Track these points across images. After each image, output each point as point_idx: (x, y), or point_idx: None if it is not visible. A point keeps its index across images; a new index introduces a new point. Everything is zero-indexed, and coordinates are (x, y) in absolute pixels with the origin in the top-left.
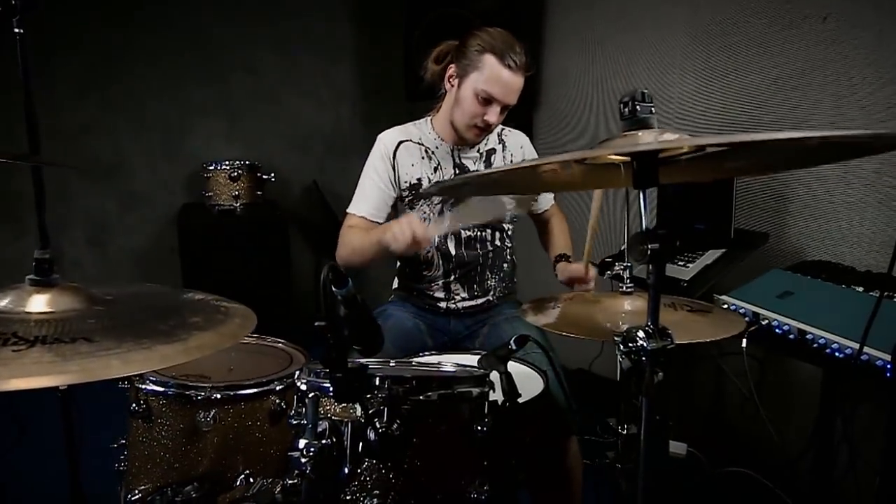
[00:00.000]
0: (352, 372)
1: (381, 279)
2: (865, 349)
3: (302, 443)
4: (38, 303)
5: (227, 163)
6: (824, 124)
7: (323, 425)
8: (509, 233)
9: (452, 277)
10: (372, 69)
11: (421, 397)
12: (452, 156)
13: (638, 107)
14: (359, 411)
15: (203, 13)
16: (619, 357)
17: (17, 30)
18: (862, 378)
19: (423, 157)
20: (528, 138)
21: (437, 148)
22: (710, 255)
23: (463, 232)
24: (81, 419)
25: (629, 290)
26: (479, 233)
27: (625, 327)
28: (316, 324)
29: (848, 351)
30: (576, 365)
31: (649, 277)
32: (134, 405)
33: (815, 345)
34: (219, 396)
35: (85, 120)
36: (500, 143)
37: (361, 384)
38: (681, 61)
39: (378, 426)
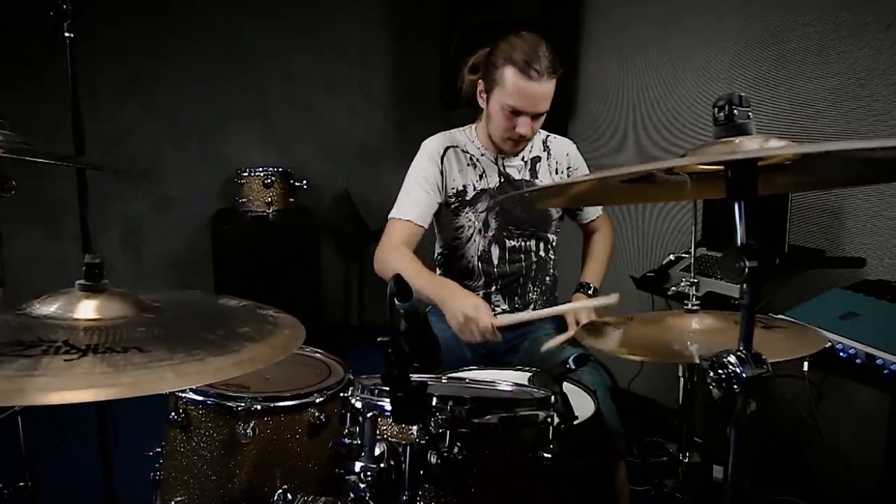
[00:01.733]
0: (414, 391)
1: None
2: None
3: (358, 466)
4: (88, 309)
5: (260, 169)
6: (887, 136)
7: (381, 447)
8: (553, 244)
9: (493, 289)
10: (406, 77)
11: (484, 420)
12: (497, 164)
13: (735, 111)
14: (417, 433)
15: (242, 21)
16: (710, 385)
17: (67, 34)
18: None
19: (468, 165)
20: (574, 145)
21: (482, 156)
22: None
23: (507, 241)
24: (117, 423)
25: (695, 307)
26: (523, 243)
27: (713, 351)
28: (378, 339)
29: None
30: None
31: (743, 297)
32: (173, 414)
33: (887, 370)
34: (259, 408)
35: (124, 125)
36: (544, 150)
37: (423, 404)
38: (729, 70)
39: (440, 450)
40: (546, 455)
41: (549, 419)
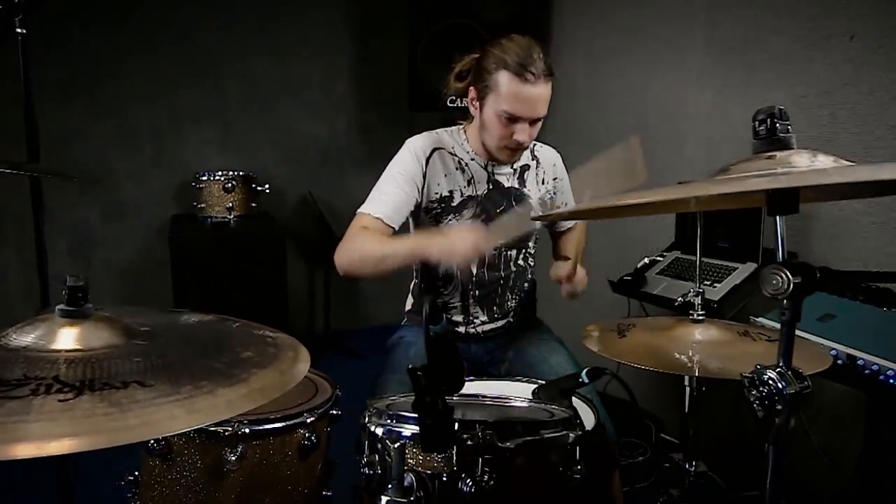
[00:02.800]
0: (444, 418)
1: (373, 295)
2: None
3: (384, 500)
4: (73, 338)
5: (220, 173)
6: (853, 143)
7: (408, 478)
8: (532, 252)
9: (471, 300)
10: (371, 79)
11: (511, 444)
12: (486, 170)
13: (777, 124)
14: (445, 461)
15: (195, 18)
16: (751, 402)
17: (19, 30)
18: None
19: (456, 169)
20: (559, 156)
21: (471, 160)
22: (739, 275)
23: (489, 249)
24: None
25: (700, 318)
26: (505, 252)
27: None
28: (410, 367)
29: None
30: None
31: (784, 314)
32: (152, 441)
33: (868, 371)
34: (248, 431)
35: (69, 128)
36: (533, 159)
37: (452, 431)
38: (697, 77)
39: (473, 478)
40: (576, 476)
41: (577, 439)
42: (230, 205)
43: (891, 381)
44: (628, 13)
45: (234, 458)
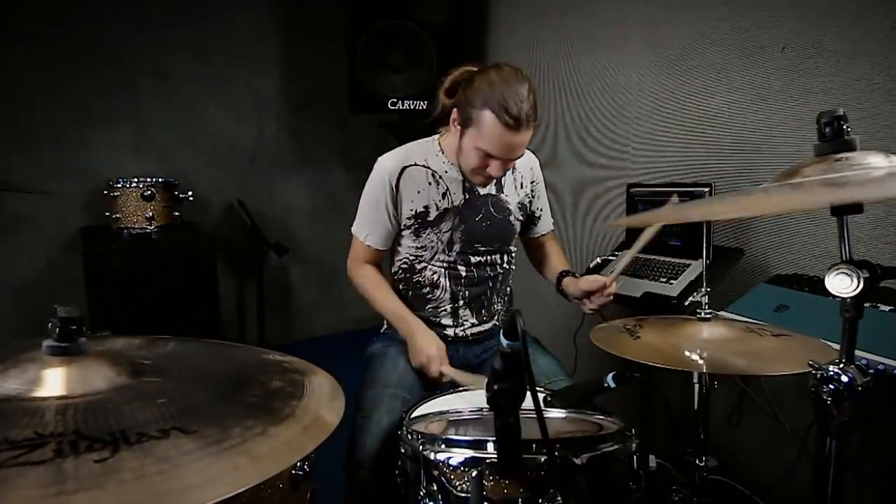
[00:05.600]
0: (518, 440)
1: (308, 306)
2: (884, 361)
3: None
4: (73, 380)
5: (136, 180)
6: (786, 144)
7: None
8: (514, 255)
9: (461, 303)
10: (302, 79)
11: (581, 461)
12: (463, 180)
13: (845, 126)
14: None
15: (104, 10)
16: (818, 394)
17: None
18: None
19: (430, 183)
20: (537, 160)
21: (445, 172)
22: (692, 272)
23: (472, 257)
24: None
25: (708, 316)
26: (488, 257)
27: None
28: (493, 389)
29: (863, 362)
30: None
31: (847, 311)
32: None
33: None
34: None
35: None
36: None
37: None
38: (638, 82)
39: (548, 501)
40: (637, 491)
41: (634, 452)
42: (150, 214)
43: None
44: (568, 18)
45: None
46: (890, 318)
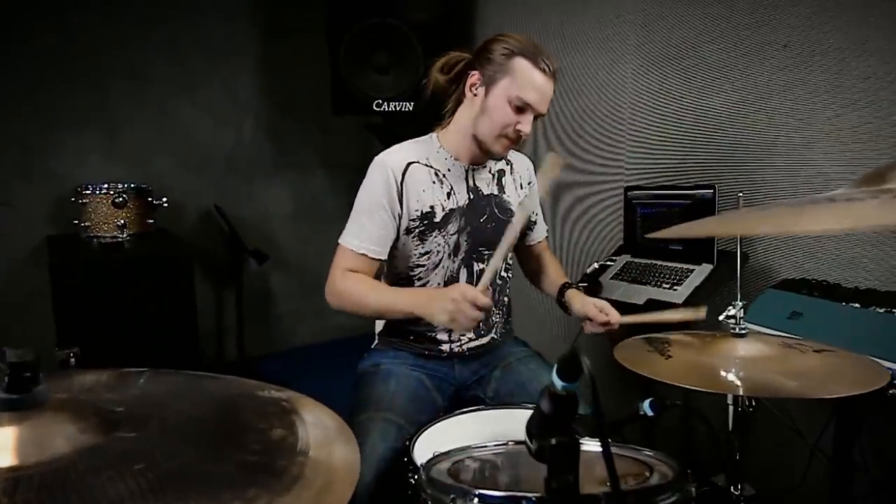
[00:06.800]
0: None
1: (289, 315)
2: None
3: None
4: (29, 442)
5: (107, 186)
6: (789, 147)
7: None
8: (510, 263)
9: None
10: (281, 80)
11: None
12: (466, 178)
13: None
14: None
15: (72, 6)
16: None
17: None
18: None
19: (433, 182)
20: (531, 163)
21: (448, 170)
22: (697, 277)
23: (476, 264)
24: None
25: (743, 332)
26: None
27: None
28: (552, 442)
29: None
30: None
31: None
32: None
33: None
34: None
35: None
36: (507, 164)
37: None
38: (633, 82)
39: None
40: None
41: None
42: (122, 222)
43: None
44: (557, 17)
45: None
46: None
